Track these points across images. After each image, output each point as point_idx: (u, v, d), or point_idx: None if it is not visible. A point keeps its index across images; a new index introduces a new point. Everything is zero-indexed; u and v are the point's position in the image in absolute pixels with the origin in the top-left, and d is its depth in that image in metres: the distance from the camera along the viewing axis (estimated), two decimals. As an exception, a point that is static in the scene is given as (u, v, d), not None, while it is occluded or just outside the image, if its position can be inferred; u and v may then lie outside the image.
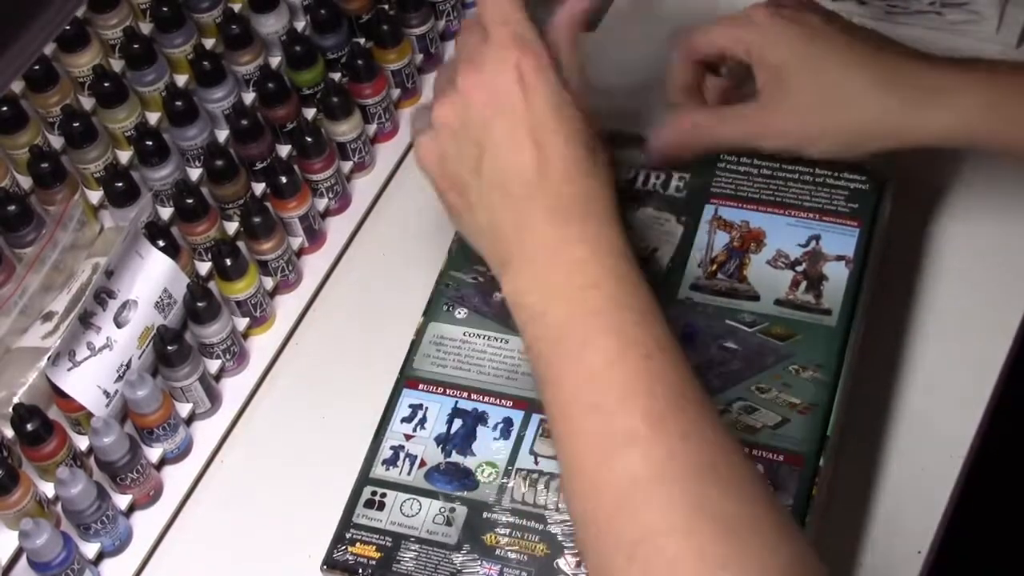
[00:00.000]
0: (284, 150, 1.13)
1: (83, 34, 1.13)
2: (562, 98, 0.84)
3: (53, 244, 1.04)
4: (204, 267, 1.08)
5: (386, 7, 1.17)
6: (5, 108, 1.09)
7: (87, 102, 1.14)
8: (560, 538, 0.88)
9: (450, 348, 0.96)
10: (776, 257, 0.97)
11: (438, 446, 0.93)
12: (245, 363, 1.07)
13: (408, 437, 0.93)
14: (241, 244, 1.07)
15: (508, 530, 0.89)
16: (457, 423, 0.93)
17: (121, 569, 0.98)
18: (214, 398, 1.04)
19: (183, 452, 1.02)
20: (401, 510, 0.91)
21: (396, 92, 1.17)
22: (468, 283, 0.98)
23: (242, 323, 1.06)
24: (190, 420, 1.03)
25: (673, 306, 0.95)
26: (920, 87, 0.94)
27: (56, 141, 1.13)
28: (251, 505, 1.01)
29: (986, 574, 1.56)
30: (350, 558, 0.90)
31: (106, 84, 1.10)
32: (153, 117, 1.14)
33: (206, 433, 1.04)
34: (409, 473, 0.92)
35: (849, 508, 0.94)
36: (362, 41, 1.18)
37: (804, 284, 0.95)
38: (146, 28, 1.17)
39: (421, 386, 0.95)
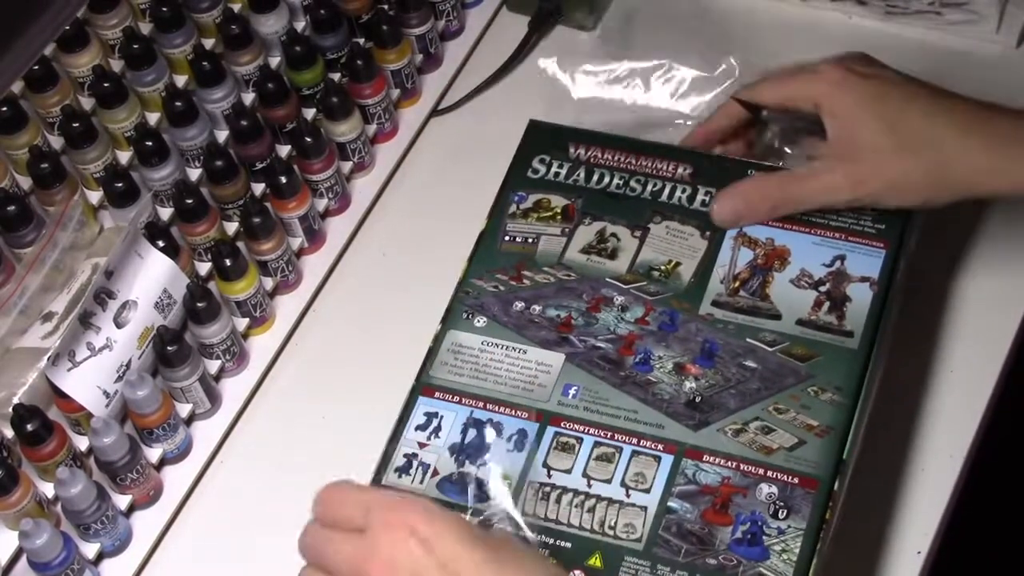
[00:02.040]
0: (284, 150, 1.13)
1: (83, 34, 1.13)
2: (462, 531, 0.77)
3: (53, 244, 1.04)
4: (204, 267, 1.08)
5: (386, 7, 1.17)
6: (5, 108, 1.09)
7: (87, 102, 1.14)
8: (570, 553, 0.87)
9: (467, 357, 0.95)
10: (800, 276, 0.96)
11: (451, 456, 0.92)
12: (245, 363, 1.07)
13: (422, 445, 0.92)
14: (241, 244, 1.07)
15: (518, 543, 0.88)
16: (471, 433, 0.92)
17: (121, 569, 0.98)
18: (214, 398, 1.04)
19: (183, 452, 1.02)
20: None
21: (396, 92, 1.17)
22: (488, 291, 0.98)
23: (242, 323, 1.06)
24: (190, 420, 1.03)
25: (693, 322, 0.95)
26: (1005, 133, 0.93)
27: (56, 141, 1.13)
28: (251, 505, 1.01)
29: (986, 574, 1.56)
30: None
31: (106, 84, 1.10)
32: (153, 117, 1.13)
33: (206, 433, 1.04)
34: (421, 482, 0.91)
35: (850, 509, 0.94)
36: (362, 41, 1.18)
37: (827, 305, 0.95)
38: (146, 28, 1.17)
39: (437, 394, 0.94)
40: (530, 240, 1.00)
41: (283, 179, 1.08)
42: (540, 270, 0.99)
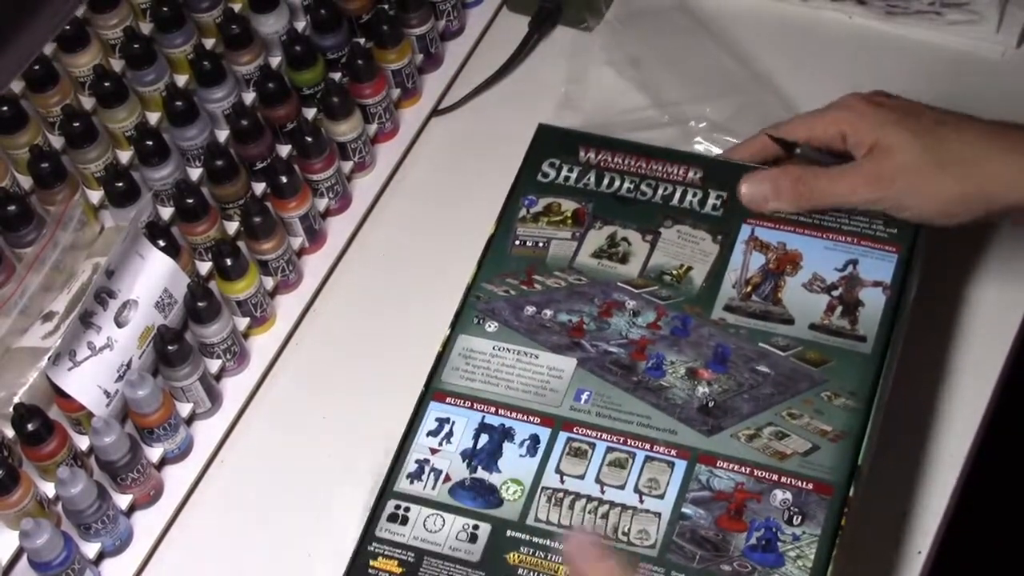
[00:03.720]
0: (284, 150, 1.13)
1: (83, 34, 1.13)
2: None
3: (53, 244, 1.04)
4: (204, 267, 1.08)
5: (386, 7, 1.17)
6: (5, 108, 1.09)
7: (87, 102, 1.14)
8: None
9: (479, 361, 0.95)
10: (812, 281, 0.96)
11: (463, 461, 0.91)
12: (245, 363, 1.07)
13: (434, 451, 0.92)
14: (241, 244, 1.07)
15: (531, 549, 0.87)
16: (483, 438, 0.92)
17: (121, 569, 0.98)
18: (214, 398, 1.04)
19: (183, 452, 1.02)
20: (424, 525, 0.89)
21: (396, 92, 1.17)
22: (499, 296, 0.97)
23: (242, 323, 1.06)
24: (190, 420, 1.03)
25: (706, 326, 0.95)
26: None
27: (56, 141, 1.13)
28: (251, 505, 1.01)
29: (986, 574, 1.56)
30: (372, 572, 0.88)
31: (106, 84, 1.10)
32: (153, 117, 1.13)
33: (206, 433, 1.04)
34: (433, 488, 0.90)
35: (852, 507, 0.94)
36: (362, 41, 1.18)
37: (840, 309, 0.94)
38: (146, 28, 1.17)
39: (448, 399, 0.93)
40: (540, 244, 1.00)
41: (283, 179, 1.08)
42: (551, 274, 0.98)
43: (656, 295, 0.96)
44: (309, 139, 1.10)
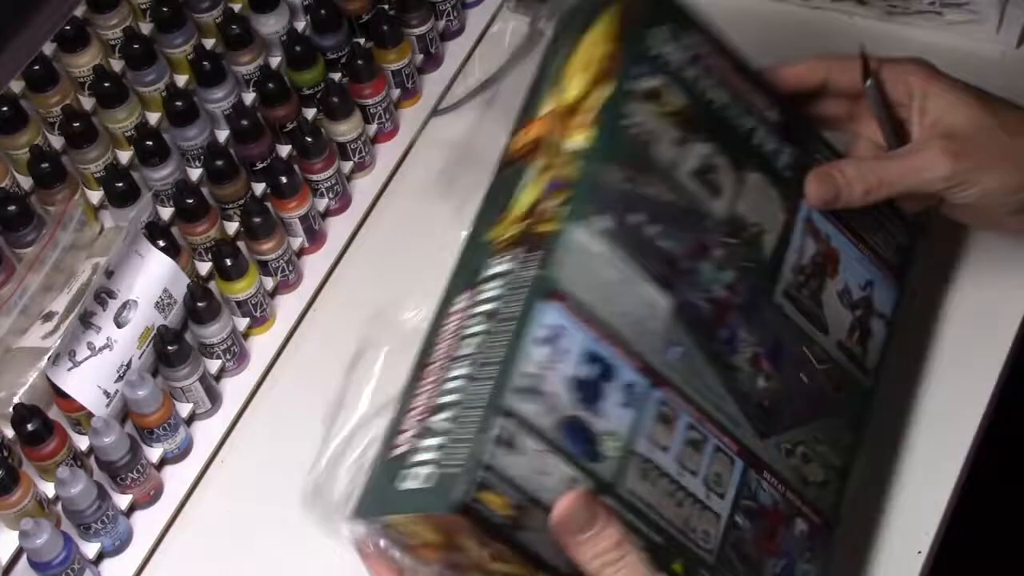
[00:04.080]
0: (284, 150, 1.13)
1: (83, 34, 1.13)
2: None
3: (53, 244, 1.04)
4: (204, 267, 1.08)
5: (386, 7, 1.17)
6: (5, 108, 1.09)
7: (87, 102, 1.14)
8: (661, 551, 0.73)
9: (593, 266, 0.73)
10: (843, 292, 0.86)
11: (569, 392, 0.71)
12: (245, 363, 1.07)
13: (545, 367, 0.70)
14: (241, 244, 1.07)
15: (624, 529, 0.72)
16: (589, 369, 0.71)
17: (121, 569, 0.98)
18: (214, 398, 1.04)
19: (183, 452, 1.02)
20: (534, 464, 0.68)
21: (396, 92, 1.17)
22: (615, 186, 0.75)
23: (242, 323, 1.06)
24: (190, 420, 1.03)
25: (766, 309, 0.81)
26: None
27: (56, 141, 1.13)
28: (251, 505, 1.01)
29: (986, 574, 1.56)
30: (477, 506, 0.67)
31: (106, 84, 1.10)
32: (153, 117, 1.14)
33: (206, 433, 1.04)
34: (546, 416, 0.70)
35: (849, 509, 0.94)
36: (362, 41, 1.18)
37: (857, 334, 0.86)
38: (146, 28, 1.17)
39: (567, 304, 0.71)
40: (644, 137, 0.78)
41: (283, 179, 1.08)
42: (652, 181, 0.77)
43: (736, 252, 0.80)
44: (309, 139, 1.10)
